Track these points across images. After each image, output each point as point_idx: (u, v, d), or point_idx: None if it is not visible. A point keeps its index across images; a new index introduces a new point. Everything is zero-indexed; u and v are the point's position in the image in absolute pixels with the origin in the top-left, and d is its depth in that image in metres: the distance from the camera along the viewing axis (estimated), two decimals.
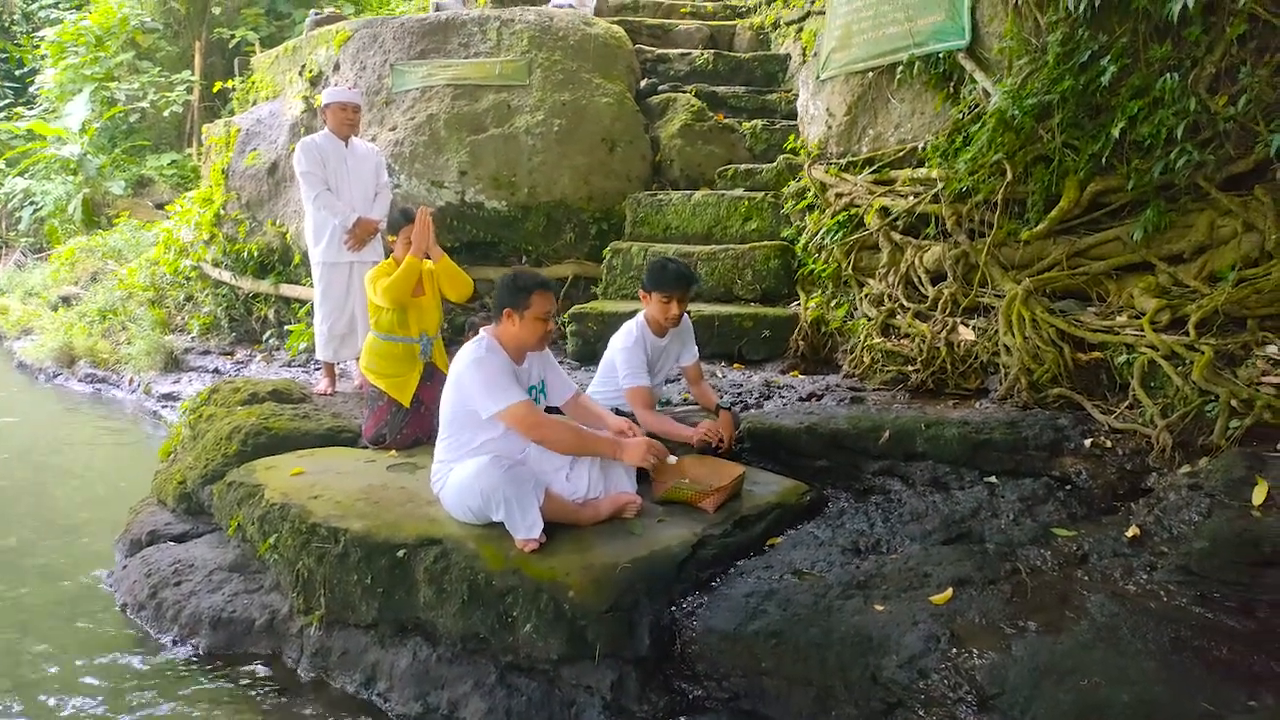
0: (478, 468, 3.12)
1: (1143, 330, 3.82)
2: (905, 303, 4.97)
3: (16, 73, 18.23)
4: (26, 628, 3.77)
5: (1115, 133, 4.00)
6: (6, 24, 18.83)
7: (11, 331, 10.82)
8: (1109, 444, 3.59)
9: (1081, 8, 4.12)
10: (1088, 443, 3.63)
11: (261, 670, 3.40)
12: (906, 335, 4.87)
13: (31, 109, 16.41)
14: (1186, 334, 3.69)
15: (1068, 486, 3.52)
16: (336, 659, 3.29)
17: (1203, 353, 3.55)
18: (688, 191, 6.59)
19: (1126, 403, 3.75)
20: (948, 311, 4.73)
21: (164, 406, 7.30)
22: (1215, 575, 2.71)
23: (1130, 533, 3.05)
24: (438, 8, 7.88)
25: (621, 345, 3.93)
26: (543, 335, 3.31)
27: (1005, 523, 3.35)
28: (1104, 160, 4.10)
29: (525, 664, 2.96)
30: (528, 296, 3.25)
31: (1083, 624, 2.58)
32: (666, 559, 3.05)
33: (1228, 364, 3.57)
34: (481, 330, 3.37)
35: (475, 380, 3.20)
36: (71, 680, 3.34)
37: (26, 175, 14.82)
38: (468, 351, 3.27)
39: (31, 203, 14.68)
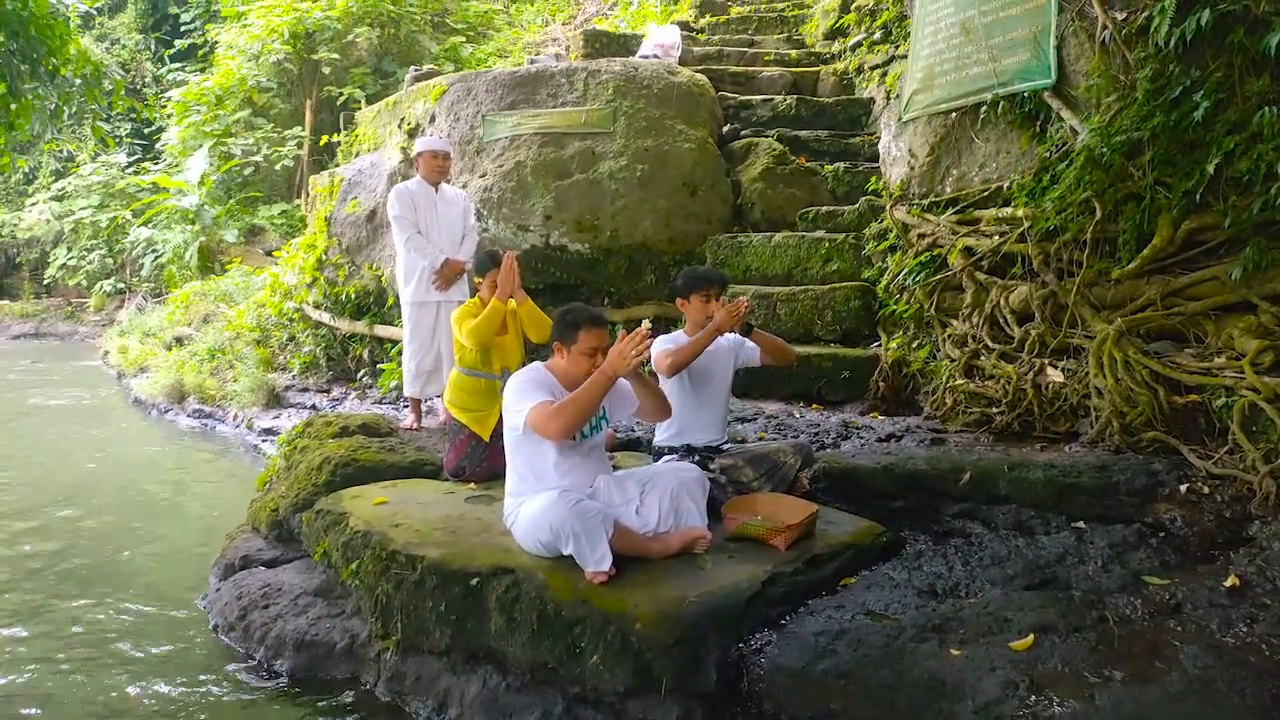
0: (546, 503, 3.17)
1: (1243, 372, 3.64)
2: (990, 343, 4.85)
3: (145, 130, 19.67)
4: (123, 643, 3.97)
5: (1210, 169, 3.86)
6: (138, 86, 20.39)
7: (129, 369, 11.53)
8: (1206, 490, 3.41)
9: (1173, 42, 4.02)
10: (1183, 488, 3.46)
11: (340, 693, 3.49)
12: (991, 377, 4.75)
13: (157, 164, 17.66)
14: None
15: (1161, 533, 3.36)
16: (411, 684, 3.35)
17: None
18: (768, 234, 6.62)
19: (1226, 447, 3.57)
20: (1035, 352, 4.59)
21: (264, 440, 7.65)
22: None
23: (1229, 583, 2.88)
24: (532, 64, 8.19)
25: (656, 340, 3.94)
26: (590, 370, 3.29)
27: (1093, 569, 3.21)
28: (1198, 197, 3.96)
29: (592, 696, 2.96)
30: (575, 331, 3.32)
31: (1173, 675, 2.44)
32: (735, 595, 3.03)
33: None
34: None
35: (508, 395, 3.33)
36: (159, 695, 3.50)
37: (150, 225, 15.90)
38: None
39: (153, 250, 15.73)
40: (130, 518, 5.88)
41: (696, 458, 3.87)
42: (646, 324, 3.13)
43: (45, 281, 21.29)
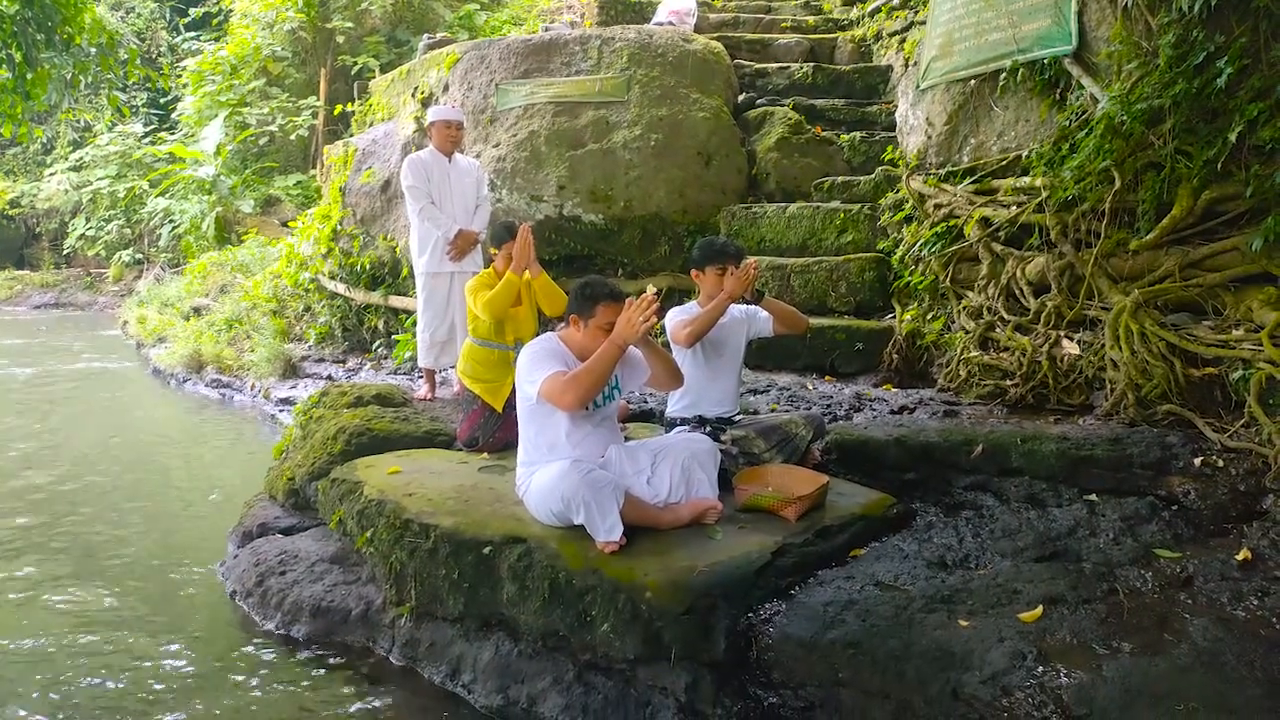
0: (558, 472, 3.19)
1: (1261, 344, 3.60)
2: (1005, 315, 4.82)
3: (161, 100, 19.69)
4: (141, 608, 4.05)
5: (1232, 137, 3.80)
6: (153, 56, 20.36)
7: (148, 339, 11.63)
8: (1221, 463, 3.39)
9: (1196, 8, 3.94)
10: (1198, 461, 3.44)
11: (355, 658, 3.55)
12: (1006, 349, 4.72)
13: (173, 134, 17.68)
14: None
15: (1174, 507, 3.35)
16: (425, 650, 3.41)
17: None
18: (783, 204, 6.57)
19: (1242, 421, 3.54)
20: (1051, 324, 4.56)
21: (280, 410, 7.72)
22: None
23: (1241, 556, 2.88)
24: (546, 31, 8.13)
25: (670, 311, 3.93)
26: None
27: (1104, 542, 3.20)
28: (1220, 166, 3.89)
29: (602, 663, 3.00)
30: (594, 305, 3.31)
31: (1183, 647, 2.45)
32: (745, 565, 3.05)
33: None
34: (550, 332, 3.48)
35: (521, 365, 3.34)
36: (176, 659, 3.57)
37: (167, 195, 15.95)
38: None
39: (170, 221, 15.80)
40: (149, 485, 5.97)
41: (708, 429, 3.88)
42: (651, 289, 3.12)
43: (65, 252, 21.47)
